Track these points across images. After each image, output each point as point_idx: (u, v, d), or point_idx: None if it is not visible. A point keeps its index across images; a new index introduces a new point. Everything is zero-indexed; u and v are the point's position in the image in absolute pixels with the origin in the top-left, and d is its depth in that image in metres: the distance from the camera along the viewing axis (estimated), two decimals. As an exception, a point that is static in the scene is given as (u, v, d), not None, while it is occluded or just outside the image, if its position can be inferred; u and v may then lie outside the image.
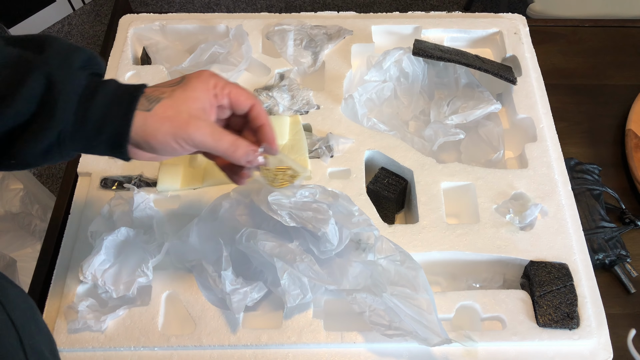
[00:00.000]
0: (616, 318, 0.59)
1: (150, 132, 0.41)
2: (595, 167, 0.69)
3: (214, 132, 0.42)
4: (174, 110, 0.41)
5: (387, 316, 0.50)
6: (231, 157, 0.44)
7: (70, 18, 2.01)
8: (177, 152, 0.43)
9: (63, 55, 0.40)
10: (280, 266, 0.50)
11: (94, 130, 0.40)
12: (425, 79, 0.74)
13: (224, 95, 0.44)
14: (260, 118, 0.46)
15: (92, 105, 0.40)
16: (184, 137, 0.41)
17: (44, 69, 0.38)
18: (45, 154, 0.40)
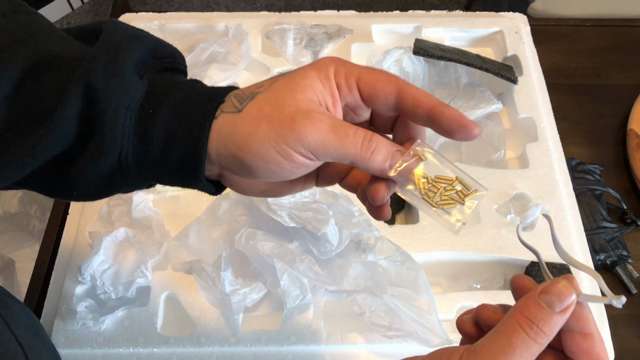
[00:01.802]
0: (617, 319, 0.59)
1: (241, 141, 0.28)
2: (597, 167, 0.69)
3: (335, 126, 0.28)
4: (274, 106, 0.28)
5: (388, 317, 0.50)
6: (366, 161, 0.29)
7: (69, 17, 2.01)
8: (284, 171, 0.29)
9: (111, 54, 0.29)
10: (279, 267, 0.50)
11: (159, 153, 0.30)
12: (425, 79, 0.73)
13: (351, 85, 0.30)
14: (422, 101, 0.29)
15: (154, 122, 0.29)
16: (289, 139, 0.28)
17: (85, 76, 0.28)
18: (110, 184, 0.31)
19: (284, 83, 0.29)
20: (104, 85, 0.28)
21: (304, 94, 0.29)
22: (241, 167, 0.29)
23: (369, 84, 0.30)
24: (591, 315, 0.28)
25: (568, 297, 0.27)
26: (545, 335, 0.27)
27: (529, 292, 0.28)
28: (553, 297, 0.27)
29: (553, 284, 0.28)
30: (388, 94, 0.29)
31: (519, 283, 0.31)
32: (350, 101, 0.30)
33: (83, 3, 2.04)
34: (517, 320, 0.27)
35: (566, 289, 0.27)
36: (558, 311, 0.27)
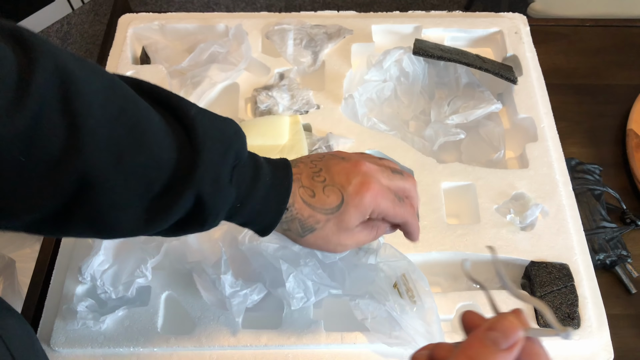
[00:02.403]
0: (617, 319, 0.59)
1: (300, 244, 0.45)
2: (596, 167, 0.69)
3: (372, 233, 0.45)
4: (325, 242, 0.43)
5: (388, 324, 0.50)
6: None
7: (69, 17, 2.01)
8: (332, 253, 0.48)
9: (215, 170, 0.38)
10: (285, 268, 0.50)
11: (240, 224, 0.43)
12: (425, 79, 0.73)
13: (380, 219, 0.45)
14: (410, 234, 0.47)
15: (239, 214, 0.41)
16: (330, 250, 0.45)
17: (195, 188, 0.37)
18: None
19: (334, 226, 0.42)
20: (210, 199, 0.38)
21: (346, 238, 0.43)
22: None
23: (389, 218, 0.44)
24: (543, 350, 0.27)
25: (514, 333, 0.26)
26: None
27: (475, 330, 0.28)
28: (498, 333, 0.26)
29: (499, 320, 0.27)
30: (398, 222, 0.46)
31: (468, 319, 0.31)
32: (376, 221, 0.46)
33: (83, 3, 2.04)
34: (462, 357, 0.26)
35: (512, 324, 0.26)
36: (504, 348, 0.26)
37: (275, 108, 0.69)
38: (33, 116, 0.29)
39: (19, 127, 0.29)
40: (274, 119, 0.67)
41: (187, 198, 0.36)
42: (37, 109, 0.29)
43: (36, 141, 0.30)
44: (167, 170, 0.36)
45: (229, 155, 0.38)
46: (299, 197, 0.42)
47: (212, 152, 0.37)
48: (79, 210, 0.33)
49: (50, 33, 1.97)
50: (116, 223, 0.35)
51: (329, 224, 0.42)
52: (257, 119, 0.67)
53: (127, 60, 0.75)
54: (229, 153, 0.38)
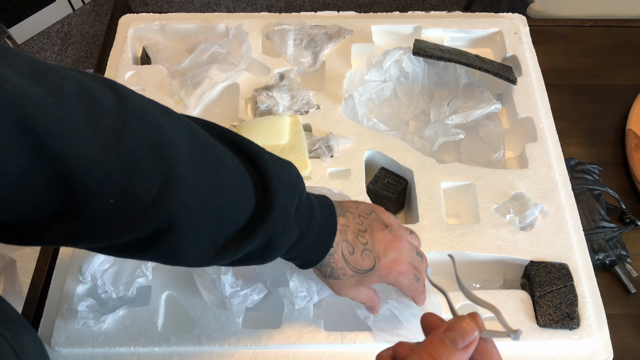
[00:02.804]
0: (616, 318, 0.59)
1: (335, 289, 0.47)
2: (596, 167, 0.69)
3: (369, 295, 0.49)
4: (338, 288, 0.47)
5: (391, 323, 0.50)
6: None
7: (70, 18, 2.01)
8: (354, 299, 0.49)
9: (286, 213, 0.40)
10: (289, 267, 0.50)
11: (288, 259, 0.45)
12: (425, 79, 0.73)
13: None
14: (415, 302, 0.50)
15: (294, 250, 0.43)
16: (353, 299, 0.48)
17: (269, 230, 0.39)
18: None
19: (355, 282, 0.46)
20: (279, 239, 0.40)
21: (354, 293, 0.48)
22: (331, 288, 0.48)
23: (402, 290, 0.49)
24: (495, 349, 0.30)
25: (470, 333, 0.29)
26: None
27: (435, 330, 0.30)
28: (456, 334, 0.29)
29: (457, 321, 0.29)
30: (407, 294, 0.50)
31: (428, 321, 0.33)
32: None
33: (84, 4, 2.04)
34: (420, 358, 0.29)
35: (469, 325, 0.29)
36: (461, 347, 0.28)
37: (276, 108, 0.69)
38: (129, 161, 0.30)
39: (113, 169, 0.30)
40: (274, 119, 0.67)
41: (259, 239, 0.39)
42: (132, 155, 0.31)
43: (129, 186, 0.31)
44: (245, 214, 0.38)
45: (296, 198, 0.41)
46: (340, 249, 0.45)
47: (285, 196, 0.40)
48: (156, 246, 0.35)
49: (50, 33, 1.97)
50: (184, 257, 0.38)
51: (352, 279, 0.46)
52: (257, 119, 0.67)
53: (128, 60, 0.75)
54: (295, 196, 0.41)
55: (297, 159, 0.64)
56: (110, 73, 0.74)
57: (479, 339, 0.29)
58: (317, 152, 0.65)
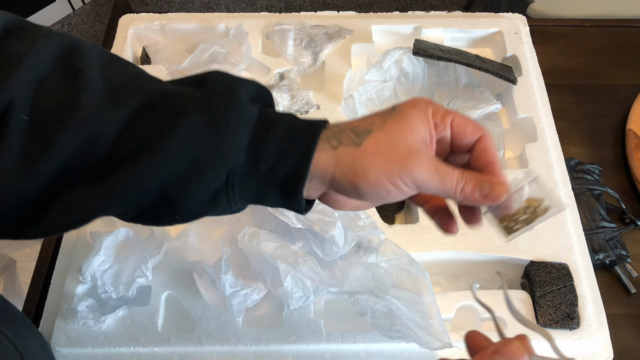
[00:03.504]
0: (617, 318, 0.59)
1: (360, 171, 0.33)
2: (596, 167, 0.69)
3: (438, 167, 0.34)
4: (389, 144, 0.33)
5: (389, 318, 0.50)
6: (460, 194, 0.34)
7: (69, 18, 2.01)
8: (389, 196, 0.34)
9: (226, 87, 0.34)
10: (283, 268, 0.50)
11: (266, 170, 0.33)
12: (425, 79, 0.73)
13: (445, 125, 0.36)
14: (489, 153, 0.36)
15: (266, 141, 0.33)
16: (401, 175, 0.33)
17: (204, 103, 0.33)
18: (212, 202, 0.34)
19: (394, 124, 0.34)
20: (224, 106, 0.33)
21: (412, 135, 0.34)
22: (353, 191, 0.34)
23: (460, 125, 0.36)
24: None
25: (520, 358, 0.28)
26: None
27: (482, 352, 0.29)
28: (505, 358, 0.28)
29: (505, 344, 0.28)
30: (473, 137, 0.36)
31: (471, 340, 0.32)
32: (442, 137, 0.36)
33: (84, 4, 2.04)
34: None
35: (518, 350, 0.28)
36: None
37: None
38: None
39: None
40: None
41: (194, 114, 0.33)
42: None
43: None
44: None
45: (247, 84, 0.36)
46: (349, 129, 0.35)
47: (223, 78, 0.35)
48: None
49: (50, 33, 1.97)
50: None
51: (387, 123, 0.34)
52: (257, 119, 0.67)
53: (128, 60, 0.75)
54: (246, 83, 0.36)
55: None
56: (110, 73, 0.74)
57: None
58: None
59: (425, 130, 0.35)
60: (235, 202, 0.34)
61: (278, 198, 0.34)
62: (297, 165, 0.33)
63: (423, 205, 0.39)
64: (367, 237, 0.55)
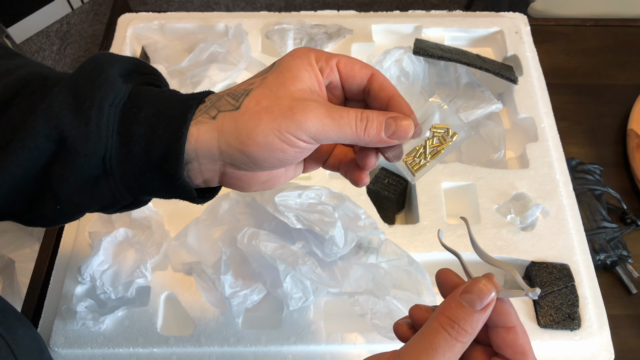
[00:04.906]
0: (618, 319, 0.59)
1: (246, 136, 0.30)
2: (597, 167, 0.69)
3: (330, 111, 0.30)
4: (271, 99, 0.30)
5: (389, 319, 0.50)
6: (364, 136, 0.31)
7: (68, 17, 2.01)
8: (288, 157, 0.31)
9: (96, 66, 0.31)
10: (282, 269, 0.50)
11: (141, 153, 0.30)
12: (425, 79, 0.73)
13: (332, 67, 0.33)
14: (386, 88, 0.33)
15: (137, 121, 0.30)
16: (290, 129, 0.29)
17: (71, 83, 0.30)
18: (93, 192, 0.31)
19: (275, 78, 0.31)
20: (89, 84, 0.30)
21: (295, 84, 0.31)
22: (247, 160, 0.31)
23: (347, 65, 0.33)
24: (512, 309, 0.29)
25: (488, 295, 0.28)
26: (467, 333, 0.28)
27: (450, 294, 0.29)
28: (474, 296, 0.28)
29: (474, 283, 0.29)
30: (363, 75, 0.33)
31: (443, 277, 0.32)
32: (332, 81, 0.34)
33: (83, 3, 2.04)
34: (439, 321, 0.28)
35: (486, 287, 0.29)
36: (479, 309, 0.28)
37: (275, 108, 0.69)
38: None
39: None
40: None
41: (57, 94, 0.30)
42: None
43: None
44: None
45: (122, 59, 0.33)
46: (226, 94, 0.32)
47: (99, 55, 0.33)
48: None
49: (49, 33, 1.96)
50: None
51: (267, 80, 0.32)
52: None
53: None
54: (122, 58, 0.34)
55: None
56: (110, 72, 0.74)
57: (496, 299, 0.29)
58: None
59: (311, 76, 0.32)
60: (120, 192, 0.31)
61: (162, 185, 0.31)
62: (171, 144, 0.30)
63: (325, 163, 0.37)
64: (367, 238, 0.55)
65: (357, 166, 0.35)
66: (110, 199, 0.32)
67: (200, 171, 0.32)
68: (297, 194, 0.52)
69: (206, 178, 0.33)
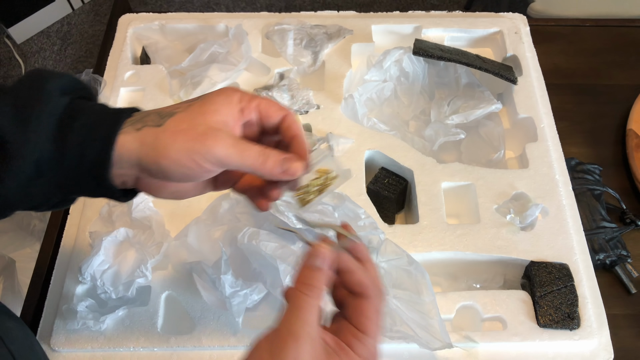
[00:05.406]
0: (617, 318, 0.59)
1: (162, 150, 0.35)
2: (596, 167, 0.69)
3: (237, 142, 0.36)
4: (190, 124, 0.35)
5: (389, 319, 0.50)
6: (261, 169, 0.37)
7: (69, 17, 2.01)
8: (195, 174, 0.36)
9: (35, 80, 0.35)
10: (282, 269, 0.50)
11: (75, 158, 0.35)
12: (425, 79, 0.73)
13: (251, 108, 0.38)
14: (293, 128, 0.39)
15: (73, 129, 0.35)
16: (200, 151, 0.35)
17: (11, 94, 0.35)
18: (27, 192, 0.35)
19: (198, 107, 0.37)
20: (29, 97, 0.35)
21: (214, 116, 0.36)
22: (159, 171, 0.36)
23: (265, 107, 0.39)
24: (352, 260, 0.36)
25: (327, 253, 0.35)
26: (317, 287, 0.34)
27: (302, 262, 0.35)
28: (317, 258, 0.35)
29: (315, 248, 0.35)
30: (278, 116, 0.39)
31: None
32: (250, 119, 0.39)
33: (83, 3, 2.04)
34: (296, 287, 0.34)
35: (323, 248, 0.35)
36: (324, 267, 0.35)
37: (275, 108, 0.69)
38: None
39: None
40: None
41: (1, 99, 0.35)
42: None
43: None
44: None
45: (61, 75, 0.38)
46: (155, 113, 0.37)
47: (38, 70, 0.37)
48: None
49: (50, 33, 1.97)
50: None
51: (192, 106, 0.37)
52: (257, 119, 0.67)
53: (127, 60, 0.75)
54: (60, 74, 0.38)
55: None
56: (110, 73, 0.74)
57: (337, 255, 0.35)
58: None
59: (230, 112, 0.37)
60: (52, 192, 0.36)
61: (92, 186, 0.37)
62: (101, 150, 0.35)
63: (234, 185, 0.42)
64: (367, 237, 0.55)
65: (261, 194, 0.41)
66: (42, 199, 0.37)
67: (121, 175, 0.37)
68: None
69: (124, 181, 0.38)
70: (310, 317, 0.33)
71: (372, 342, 0.35)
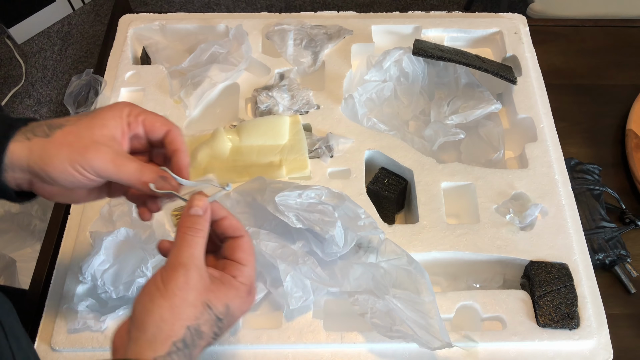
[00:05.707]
0: (616, 318, 0.59)
1: (48, 160, 0.39)
2: (596, 167, 0.69)
3: (116, 157, 0.40)
4: (75, 136, 0.39)
5: (389, 318, 0.50)
6: (136, 183, 0.40)
7: (70, 18, 2.01)
8: (80, 182, 0.40)
9: None
10: (283, 268, 0.50)
11: None
12: (425, 79, 0.73)
13: (138, 122, 0.42)
14: (175, 143, 0.43)
15: None
16: (81, 163, 0.39)
17: None
18: None
19: (87, 121, 0.41)
20: None
21: (100, 130, 0.40)
22: (46, 177, 0.40)
23: (151, 122, 0.43)
24: (219, 204, 0.41)
25: (203, 202, 0.40)
26: (200, 229, 0.39)
27: (182, 213, 0.40)
28: (196, 208, 0.39)
29: (192, 199, 0.40)
30: (162, 131, 0.43)
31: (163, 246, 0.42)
32: (137, 133, 0.43)
33: (84, 4, 2.04)
34: (181, 230, 0.39)
35: (201, 199, 0.40)
36: (202, 213, 0.39)
37: (276, 108, 0.69)
38: None
39: None
40: (274, 119, 0.67)
41: None
42: None
43: None
44: None
45: None
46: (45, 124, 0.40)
47: None
48: None
49: (50, 33, 1.97)
50: None
51: (81, 120, 0.41)
52: (257, 119, 0.67)
53: (128, 60, 0.75)
54: None
55: (297, 159, 0.64)
56: (110, 73, 0.74)
57: (210, 205, 0.40)
58: (317, 152, 0.65)
59: (116, 127, 0.41)
60: None
61: None
62: None
63: (126, 194, 0.46)
64: (367, 237, 0.55)
65: (145, 204, 0.45)
66: None
67: (14, 178, 0.40)
68: (298, 194, 0.52)
69: (18, 184, 0.41)
70: (196, 251, 0.38)
71: (250, 271, 0.41)
